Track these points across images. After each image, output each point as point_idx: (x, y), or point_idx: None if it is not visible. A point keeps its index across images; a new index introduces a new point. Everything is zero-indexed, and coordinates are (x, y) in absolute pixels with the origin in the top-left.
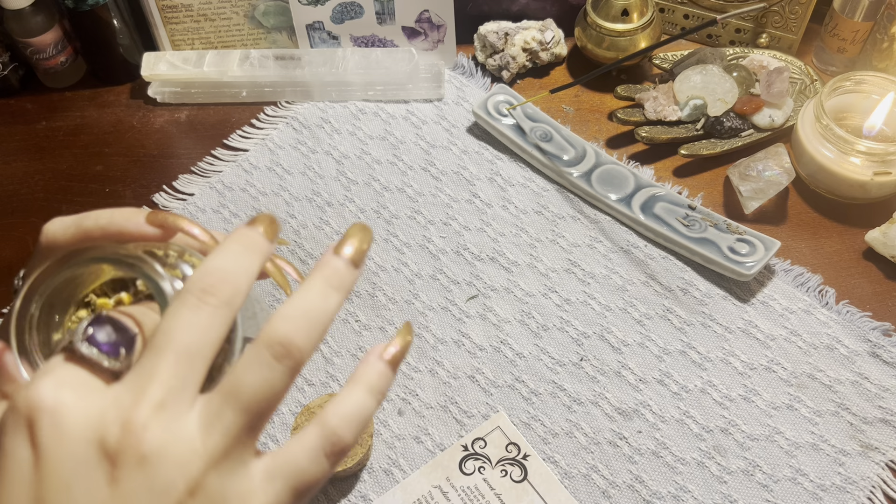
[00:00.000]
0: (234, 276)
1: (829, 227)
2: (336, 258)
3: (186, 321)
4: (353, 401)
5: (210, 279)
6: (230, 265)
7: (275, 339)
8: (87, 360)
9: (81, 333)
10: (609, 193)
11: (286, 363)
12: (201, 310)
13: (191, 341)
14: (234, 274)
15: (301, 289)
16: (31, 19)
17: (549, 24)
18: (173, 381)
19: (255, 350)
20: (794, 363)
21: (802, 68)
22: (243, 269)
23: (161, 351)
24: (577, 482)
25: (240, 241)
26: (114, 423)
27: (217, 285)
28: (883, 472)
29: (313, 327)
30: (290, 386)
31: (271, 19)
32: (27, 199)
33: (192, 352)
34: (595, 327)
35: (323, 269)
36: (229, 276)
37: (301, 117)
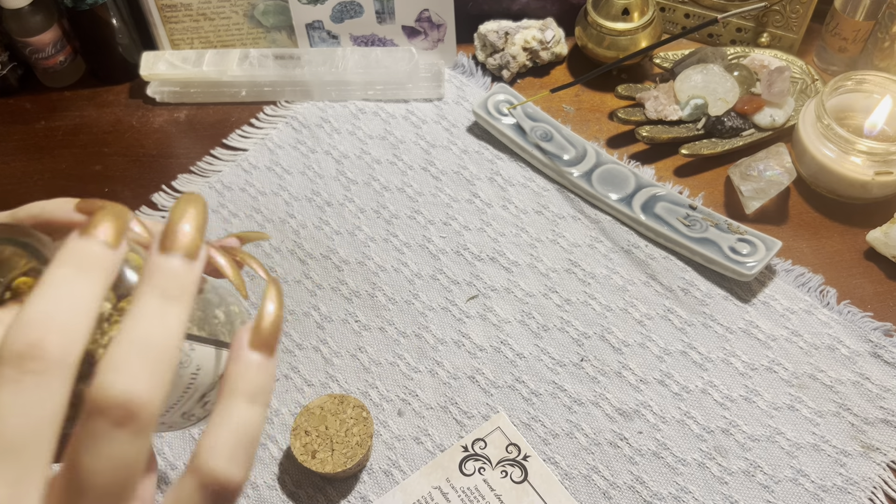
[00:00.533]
0: (63, 319)
1: (831, 227)
2: (167, 258)
3: (5, 407)
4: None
5: (27, 336)
6: (55, 305)
7: (110, 400)
8: None
9: None
10: (610, 193)
11: (132, 427)
12: (21, 385)
13: (16, 434)
14: (61, 317)
15: (130, 313)
16: (29, 18)
17: (549, 24)
18: (3, 493)
19: (88, 422)
20: (795, 363)
21: (803, 68)
22: (76, 304)
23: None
24: (577, 483)
25: (68, 264)
26: None
27: (38, 344)
28: (884, 473)
29: (156, 365)
30: (148, 445)
31: (271, 18)
32: (26, 199)
33: (17, 444)
34: (596, 328)
35: (152, 278)
36: (55, 322)
37: (300, 117)
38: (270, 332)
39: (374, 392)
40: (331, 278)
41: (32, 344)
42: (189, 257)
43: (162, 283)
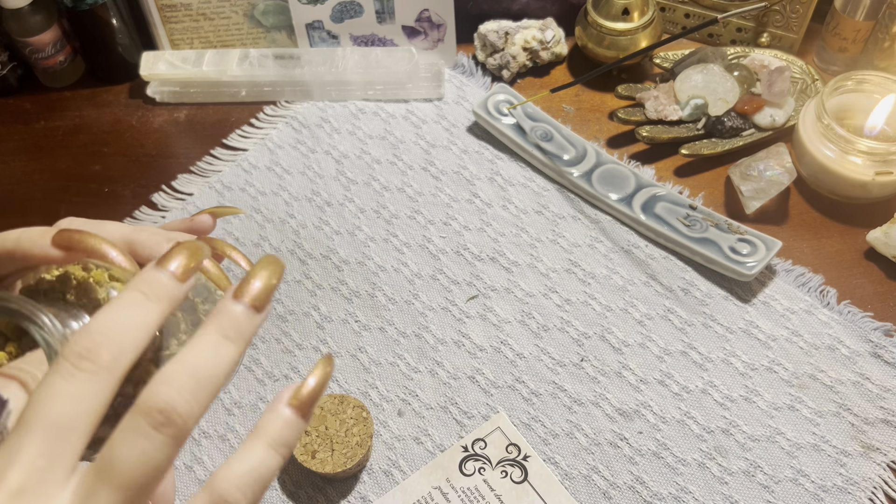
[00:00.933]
0: (120, 335)
1: (831, 227)
2: (234, 304)
3: (57, 392)
4: (249, 460)
5: (88, 341)
6: (118, 322)
7: (153, 405)
8: None
9: None
10: (610, 193)
11: (167, 432)
12: (74, 378)
13: (61, 414)
14: (119, 333)
15: (191, 342)
16: (29, 18)
17: (549, 24)
18: (38, 462)
19: (131, 418)
20: (795, 364)
21: (804, 68)
22: (134, 326)
23: (29, 428)
24: (577, 483)
25: (140, 289)
26: None
27: (95, 349)
28: (884, 473)
29: (200, 389)
30: (176, 456)
31: (271, 18)
32: (25, 199)
33: (63, 427)
34: (596, 328)
35: (217, 318)
36: (113, 336)
37: (300, 117)
38: (307, 399)
39: (374, 392)
40: (331, 278)
41: (90, 349)
42: (254, 309)
43: (225, 323)
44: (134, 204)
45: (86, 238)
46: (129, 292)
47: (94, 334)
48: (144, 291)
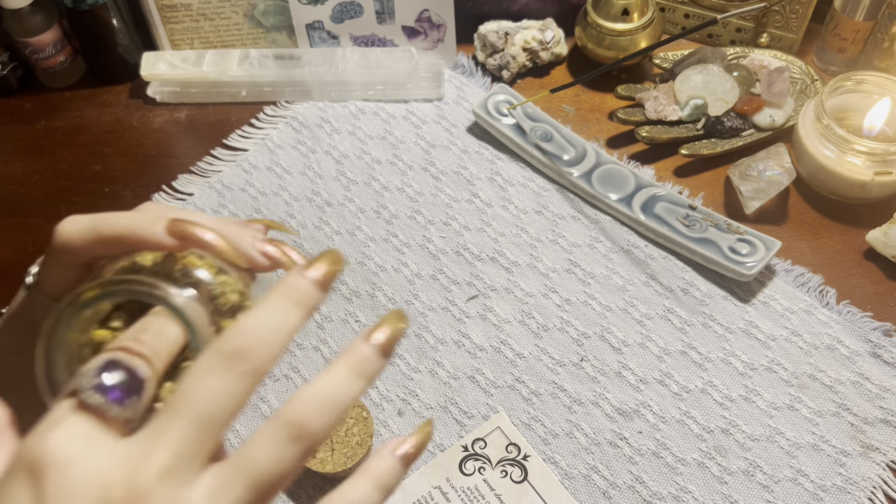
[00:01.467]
0: (271, 340)
1: (830, 227)
2: (366, 346)
3: (209, 387)
4: (357, 494)
5: (243, 341)
6: (269, 326)
7: (294, 420)
8: (95, 410)
9: (89, 381)
10: (609, 193)
11: (300, 446)
12: (226, 376)
13: (209, 409)
14: (271, 338)
15: (327, 371)
16: (30, 19)
17: (549, 24)
18: (185, 448)
19: (272, 427)
20: (794, 363)
21: (803, 68)
22: (283, 332)
23: (178, 414)
24: (577, 483)
25: (288, 294)
26: (119, 484)
27: (249, 352)
28: (884, 473)
29: (331, 413)
30: (300, 469)
31: (271, 19)
32: (26, 199)
33: (209, 420)
34: (595, 328)
35: (351, 356)
36: (265, 340)
37: (301, 117)
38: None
39: (374, 392)
40: None
41: (244, 350)
42: (383, 354)
43: (356, 361)
44: (134, 204)
45: (200, 231)
46: (277, 297)
47: (248, 336)
48: (291, 297)
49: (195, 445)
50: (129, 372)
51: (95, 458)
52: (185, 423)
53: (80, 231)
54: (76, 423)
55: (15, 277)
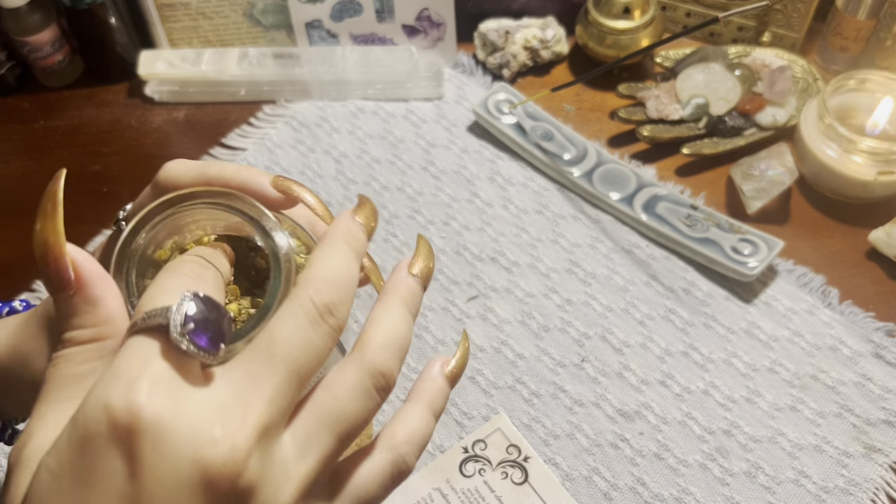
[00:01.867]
0: (350, 291)
1: (833, 227)
2: (412, 280)
3: (306, 338)
4: (417, 422)
5: (331, 294)
6: (347, 279)
7: (378, 369)
8: (185, 355)
9: (180, 324)
10: (610, 193)
11: (383, 395)
12: (320, 329)
13: (306, 362)
14: (349, 288)
15: (386, 308)
16: (27, 18)
17: (550, 22)
18: (281, 402)
19: (359, 377)
20: (797, 364)
21: (805, 67)
22: (354, 285)
23: (277, 363)
24: (578, 484)
25: (348, 241)
26: (219, 442)
27: (338, 305)
28: (886, 474)
29: (402, 356)
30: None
31: (270, 17)
32: (24, 198)
33: (303, 373)
34: (596, 328)
35: (401, 290)
36: (347, 291)
37: (300, 116)
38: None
39: None
40: None
41: (334, 303)
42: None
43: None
44: None
45: (301, 190)
46: (342, 245)
47: (337, 290)
48: (352, 246)
49: (289, 400)
50: (218, 312)
51: (191, 413)
52: (283, 374)
53: (187, 171)
54: (162, 370)
55: (14, 276)
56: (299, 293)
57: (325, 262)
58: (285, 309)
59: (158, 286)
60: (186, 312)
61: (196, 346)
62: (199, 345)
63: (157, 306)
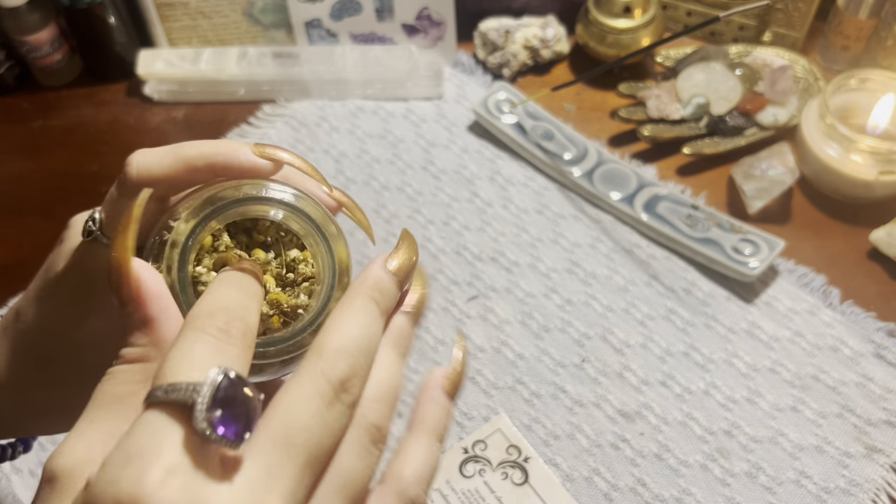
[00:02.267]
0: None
1: (834, 227)
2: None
3: (321, 421)
4: (424, 456)
5: (346, 368)
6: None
7: (375, 423)
8: (207, 442)
9: (206, 408)
10: (611, 193)
11: (381, 446)
12: (334, 408)
13: (320, 447)
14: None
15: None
16: (26, 17)
17: (550, 21)
18: (300, 493)
19: (360, 433)
20: (798, 364)
21: (806, 66)
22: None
23: (295, 454)
24: (578, 485)
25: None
26: None
27: (353, 379)
28: (887, 475)
29: (395, 401)
30: None
31: (269, 16)
32: (22, 198)
33: (320, 459)
34: (597, 328)
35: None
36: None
37: (299, 115)
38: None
39: None
40: None
41: (350, 378)
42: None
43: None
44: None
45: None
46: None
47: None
48: (378, 302)
49: (307, 489)
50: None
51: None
52: (300, 466)
53: (160, 158)
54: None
55: (12, 277)
56: (311, 367)
57: (340, 325)
58: (297, 387)
59: (183, 350)
60: (216, 395)
61: (221, 437)
62: (225, 436)
63: (180, 379)
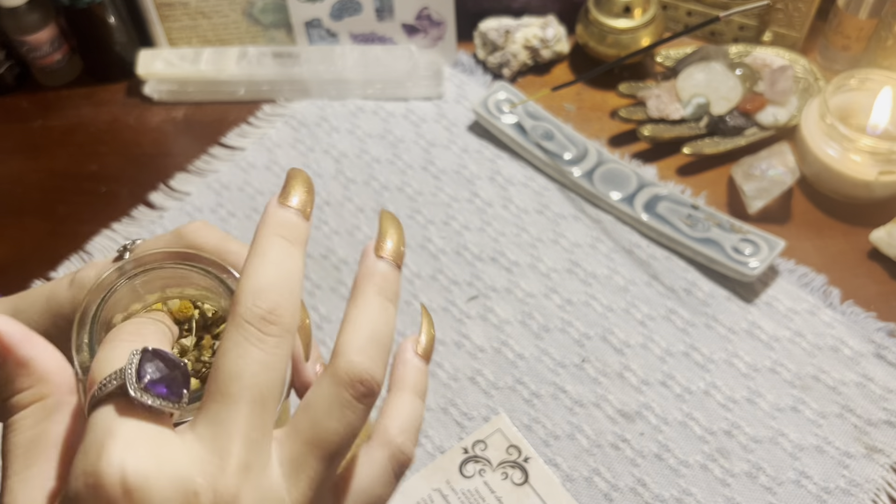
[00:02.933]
0: (290, 291)
1: (834, 227)
2: (383, 263)
3: (254, 360)
4: (407, 410)
5: (267, 302)
6: (283, 276)
7: (355, 376)
8: (150, 410)
9: (136, 380)
10: (611, 192)
11: (367, 402)
12: (265, 343)
13: (263, 384)
14: (289, 288)
15: (361, 306)
16: (26, 17)
17: (550, 21)
18: (254, 434)
19: (335, 390)
20: (798, 364)
21: (806, 66)
22: (295, 276)
23: (235, 400)
24: (578, 485)
25: (281, 234)
26: (205, 491)
27: (277, 310)
28: (888, 475)
29: (385, 353)
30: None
31: (269, 16)
32: (22, 198)
33: (266, 396)
34: (597, 328)
35: (373, 280)
36: (286, 292)
37: (299, 115)
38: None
39: None
40: (329, 278)
41: (271, 310)
42: (396, 265)
43: (381, 283)
44: (131, 203)
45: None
46: (273, 239)
47: (269, 293)
48: (285, 236)
49: (262, 428)
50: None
51: (172, 468)
52: (245, 408)
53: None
54: (132, 430)
55: (11, 277)
56: (233, 315)
57: (253, 268)
58: (225, 338)
59: (103, 357)
60: (139, 368)
61: (159, 398)
62: (161, 394)
63: (107, 373)
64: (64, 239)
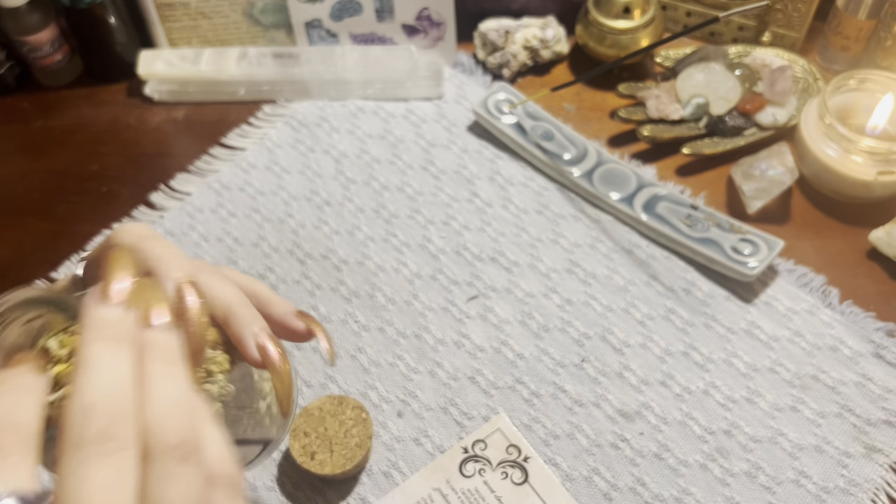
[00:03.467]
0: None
1: (833, 227)
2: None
3: (99, 483)
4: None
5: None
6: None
7: (169, 445)
8: None
9: None
10: (611, 193)
11: (193, 458)
12: (110, 459)
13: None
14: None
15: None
16: (27, 17)
17: (550, 22)
18: None
19: (160, 467)
20: (797, 364)
21: (806, 66)
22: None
23: None
24: (578, 485)
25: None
26: None
27: (112, 424)
28: (887, 475)
29: (185, 411)
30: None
31: (269, 17)
32: (23, 198)
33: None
34: (596, 328)
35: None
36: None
37: (299, 116)
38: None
39: (373, 393)
40: (330, 278)
41: (107, 426)
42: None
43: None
44: (132, 203)
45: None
46: (93, 346)
47: (102, 409)
48: (106, 338)
49: None
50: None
51: None
52: None
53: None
54: None
55: (11, 277)
56: (67, 438)
57: (79, 384)
58: (63, 465)
59: None
60: None
61: None
62: None
63: None
64: (64, 239)
